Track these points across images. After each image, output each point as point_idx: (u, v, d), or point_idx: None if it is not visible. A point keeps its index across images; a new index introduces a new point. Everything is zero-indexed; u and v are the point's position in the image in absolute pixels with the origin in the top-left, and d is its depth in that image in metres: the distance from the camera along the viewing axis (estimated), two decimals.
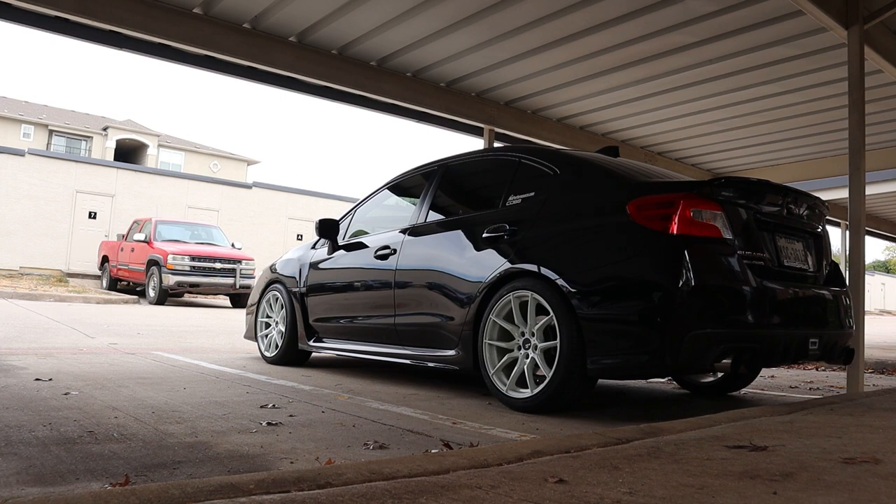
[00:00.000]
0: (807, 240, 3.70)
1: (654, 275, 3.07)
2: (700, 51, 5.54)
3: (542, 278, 3.37)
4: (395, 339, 4.29)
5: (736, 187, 3.30)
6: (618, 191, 3.35)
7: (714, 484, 1.60)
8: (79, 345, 5.91)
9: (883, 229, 14.43)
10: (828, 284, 3.75)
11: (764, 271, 3.23)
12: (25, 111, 38.36)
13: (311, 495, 1.41)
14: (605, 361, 3.12)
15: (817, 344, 3.40)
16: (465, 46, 5.67)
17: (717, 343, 3.00)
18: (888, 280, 48.71)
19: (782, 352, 3.28)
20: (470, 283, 3.75)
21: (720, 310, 3.05)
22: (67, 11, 4.64)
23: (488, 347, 3.60)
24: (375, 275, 4.50)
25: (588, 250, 3.31)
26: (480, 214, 3.94)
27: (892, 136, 7.65)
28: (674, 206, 3.09)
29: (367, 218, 4.99)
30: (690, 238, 3.05)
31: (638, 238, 3.14)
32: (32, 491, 1.87)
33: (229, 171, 38.84)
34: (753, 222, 3.30)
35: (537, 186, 3.70)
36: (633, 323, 3.05)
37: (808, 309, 3.47)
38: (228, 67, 5.73)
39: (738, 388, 4.50)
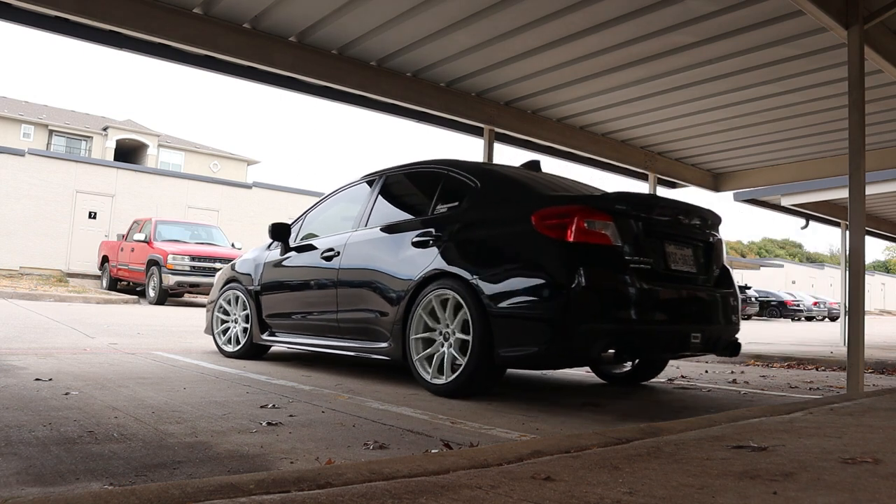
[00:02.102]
0: (697, 247, 4.12)
1: (551, 277, 3.49)
2: (700, 51, 5.54)
3: (461, 279, 3.79)
4: (337, 333, 4.68)
5: (626, 201, 3.77)
6: (525, 203, 3.79)
7: (714, 484, 1.60)
8: (79, 345, 5.91)
9: (883, 229, 14.43)
10: (716, 286, 4.19)
11: (649, 274, 3.67)
12: (25, 111, 38.36)
13: (311, 495, 1.41)
14: (510, 352, 3.58)
15: (699, 338, 3.84)
16: (465, 46, 5.67)
17: (602, 336, 3.44)
18: (888, 280, 48.72)
19: (664, 344, 3.78)
20: (401, 283, 4.16)
21: (606, 308, 3.48)
22: (67, 11, 4.64)
23: (414, 340, 4.03)
24: (321, 274, 4.88)
25: (498, 255, 3.77)
26: (412, 221, 4.37)
27: (892, 136, 7.64)
28: (570, 217, 3.53)
29: (316, 222, 5.38)
30: (583, 245, 3.50)
31: (539, 245, 3.57)
32: (32, 491, 1.87)
33: (229, 171, 38.84)
34: (642, 231, 3.74)
35: (460, 197, 4.17)
36: (533, 319, 3.50)
37: (692, 307, 3.93)
38: (228, 67, 5.73)
39: (648, 377, 4.98)
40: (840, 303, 15.83)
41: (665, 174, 9.06)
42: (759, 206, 12.43)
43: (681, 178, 9.34)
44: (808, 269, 44.39)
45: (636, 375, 4.91)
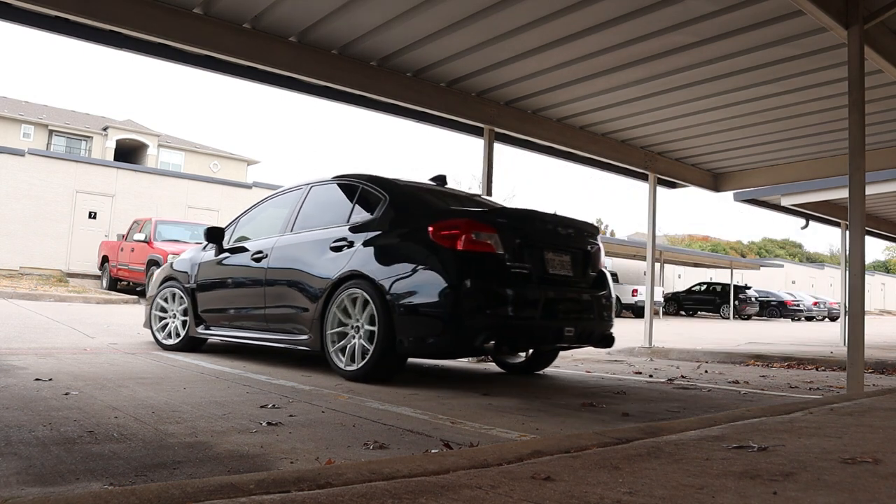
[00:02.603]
0: (575, 254, 4.72)
1: (443, 280, 4.05)
2: (700, 51, 5.54)
3: (369, 280, 4.33)
4: (265, 326, 5.16)
5: (509, 215, 4.42)
6: (424, 216, 4.36)
7: (714, 484, 1.60)
8: (79, 345, 5.90)
9: (883, 229, 14.43)
10: (592, 288, 4.82)
11: (528, 277, 4.29)
12: (25, 111, 38.35)
13: (311, 495, 1.41)
14: (409, 343, 4.15)
15: (573, 332, 4.49)
16: (465, 46, 5.67)
17: (483, 330, 4.03)
18: (888, 280, 48.71)
19: (539, 337, 4.47)
20: (320, 283, 4.68)
21: (487, 306, 4.06)
22: (67, 11, 4.64)
23: (331, 333, 4.55)
24: (251, 274, 5.36)
25: (401, 260, 4.29)
26: (330, 228, 4.88)
27: (892, 136, 7.64)
28: (459, 229, 4.11)
29: (248, 226, 5.87)
30: (470, 253, 4.08)
31: (434, 253, 4.13)
32: (32, 491, 1.87)
33: (229, 171, 38.83)
34: (523, 241, 4.33)
35: (373, 208, 4.72)
36: (428, 315, 4.08)
37: (566, 306, 4.56)
38: (228, 67, 5.73)
39: (541, 367, 5.56)
40: (840, 303, 15.82)
41: (665, 174, 9.06)
42: (759, 206, 12.43)
43: (681, 178, 9.34)
44: (808, 269, 44.37)
45: (531, 366, 5.49)
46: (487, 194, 6.96)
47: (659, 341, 9.74)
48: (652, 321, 9.07)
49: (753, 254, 55.39)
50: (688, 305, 30.06)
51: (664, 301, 27.15)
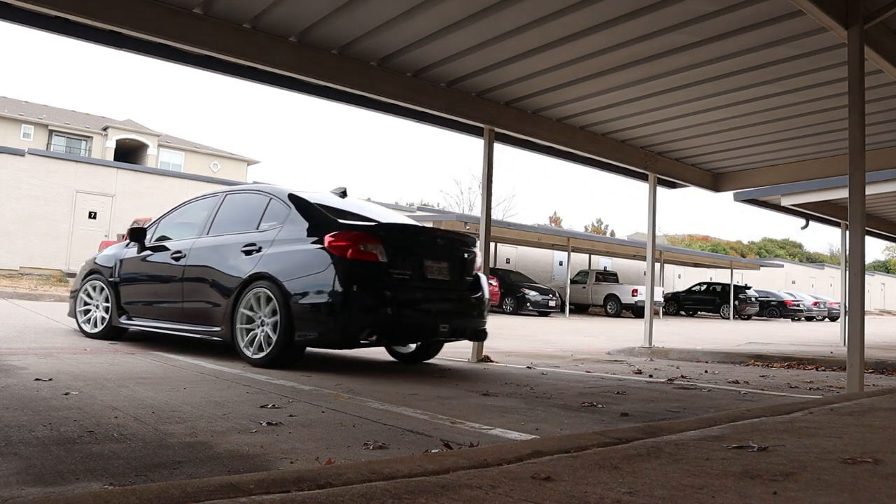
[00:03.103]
0: (452, 261, 5.40)
1: (334, 283, 4.72)
2: (700, 51, 5.53)
3: (274, 281, 4.96)
4: (182, 318, 5.70)
5: (393, 229, 5.15)
6: (321, 227, 4.99)
7: (714, 484, 1.60)
8: (79, 345, 5.91)
9: (883, 229, 14.42)
10: (468, 290, 5.53)
11: (407, 282, 5.00)
12: (25, 111, 38.34)
13: (311, 495, 1.41)
14: (304, 335, 4.82)
15: (448, 328, 5.22)
16: (465, 46, 5.67)
17: (366, 326, 4.73)
18: (888, 280, 48.67)
19: (415, 332, 5.19)
20: (232, 281, 5.28)
21: (370, 305, 4.77)
22: (67, 11, 4.63)
23: (240, 326, 5.16)
24: (171, 271, 5.88)
25: (300, 264, 4.93)
26: (242, 234, 5.49)
27: (892, 136, 7.64)
28: (350, 241, 4.79)
29: (168, 227, 6.40)
30: (358, 261, 4.77)
31: (328, 260, 4.79)
32: (32, 491, 1.87)
33: (229, 171, 38.81)
34: (405, 250, 5.06)
35: (279, 217, 5.33)
36: (321, 312, 4.77)
37: (441, 305, 5.26)
38: (228, 67, 5.73)
39: (429, 357, 6.15)
40: (840, 303, 15.82)
41: (665, 174, 9.05)
42: (759, 206, 12.42)
43: (681, 178, 9.33)
44: (808, 269, 44.34)
45: (419, 356, 6.08)
46: (487, 194, 6.96)
47: (659, 341, 9.74)
48: (652, 321, 9.07)
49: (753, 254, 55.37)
50: (688, 305, 30.05)
51: (664, 301, 27.14)
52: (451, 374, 5.34)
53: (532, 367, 6.23)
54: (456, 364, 6.18)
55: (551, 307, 21.37)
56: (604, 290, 24.95)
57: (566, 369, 6.24)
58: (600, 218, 63.96)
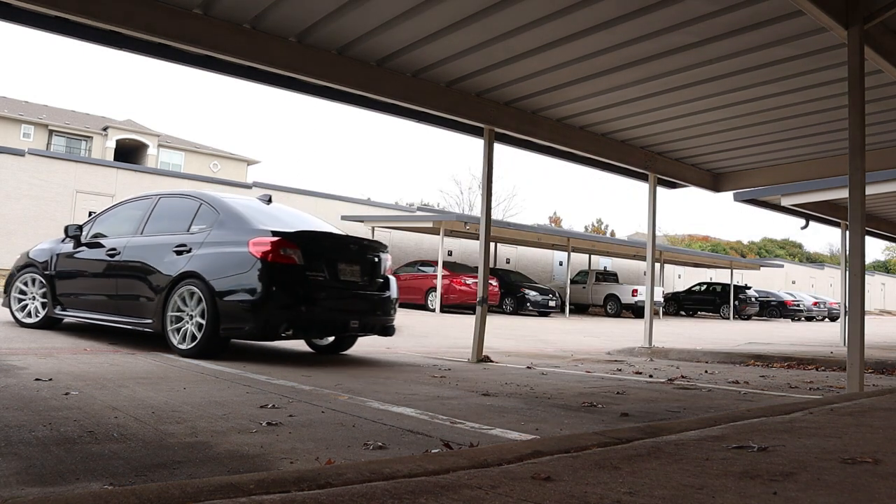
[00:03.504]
0: (364, 264, 6.00)
1: (257, 283, 5.27)
2: (700, 51, 5.53)
3: (202, 279, 5.45)
4: (115, 310, 6.17)
5: (310, 236, 5.72)
6: (246, 232, 5.53)
7: (714, 484, 1.60)
8: (79, 345, 5.91)
9: (883, 229, 14.42)
10: (377, 290, 6.09)
11: (321, 282, 5.57)
12: (25, 111, 38.34)
13: (311, 495, 1.41)
14: (229, 329, 5.34)
15: (358, 324, 5.80)
16: (465, 46, 5.67)
17: (284, 321, 5.29)
18: (888, 280, 48.65)
19: (328, 327, 5.78)
20: (164, 278, 5.74)
21: (287, 303, 5.35)
22: (67, 11, 4.63)
23: (170, 318, 5.61)
24: (105, 266, 6.34)
25: (227, 265, 5.44)
26: (174, 235, 5.98)
27: (892, 136, 7.64)
28: (271, 245, 5.32)
29: (104, 225, 6.84)
30: (278, 264, 5.32)
31: (251, 262, 5.32)
32: (32, 491, 1.87)
33: (229, 171, 38.81)
34: (321, 254, 5.64)
35: (209, 221, 5.85)
36: (244, 309, 5.27)
37: (352, 303, 5.82)
38: (228, 67, 5.73)
39: (344, 349, 6.64)
40: (840, 303, 15.82)
41: (665, 174, 9.05)
42: (759, 206, 12.42)
43: (681, 178, 9.33)
44: (808, 269, 44.33)
45: (335, 348, 6.58)
46: (487, 194, 6.96)
47: (659, 341, 9.74)
48: (652, 321, 9.07)
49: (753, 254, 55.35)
50: (688, 305, 30.04)
51: (664, 301, 27.13)
52: (451, 374, 5.34)
53: (532, 367, 6.23)
54: (456, 364, 6.18)
55: (551, 307, 21.37)
56: (604, 290, 24.94)
57: (566, 369, 6.24)
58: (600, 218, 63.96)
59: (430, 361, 6.34)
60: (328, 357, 6.20)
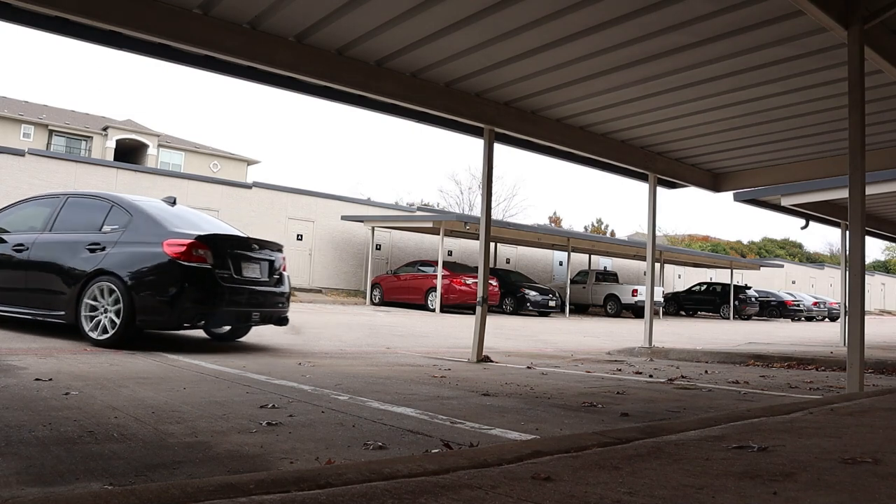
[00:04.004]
0: (263, 262, 6.69)
1: (173, 280, 5.88)
2: (700, 51, 5.53)
3: (118, 276, 5.95)
4: (25, 303, 6.55)
5: (219, 238, 6.33)
6: (160, 234, 6.10)
7: (714, 484, 1.60)
8: (79, 345, 5.91)
9: (883, 229, 14.41)
10: (275, 286, 6.81)
11: (228, 279, 6.20)
12: (25, 111, 38.34)
13: (311, 495, 1.41)
14: (145, 321, 5.90)
15: (259, 316, 6.59)
16: (464, 46, 5.67)
17: (196, 314, 5.95)
18: (888, 280, 48.64)
19: (235, 319, 6.59)
20: (77, 273, 6.19)
21: (198, 298, 5.96)
22: (67, 11, 4.63)
23: (85, 311, 6.03)
24: (13, 261, 6.68)
25: (143, 263, 6.00)
26: (86, 233, 6.40)
27: (892, 136, 7.63)
28: (184, 246, 5.94)
29: (7, 221, 7.08)
30: (190, 264, 5.92)
31: (166, 261, 5.90)
32: (32, 491, 1.87)
33: (229, 171, 38.81)
34: (227, 254, 6.27)
35: (121, 222, 6.35)
36: (160, 303, 5.87)
37: (253, 298, 6.48)
38: (228, 67, 5.73)
39: (239, 337, 7.33)
40: (840, 303, 15.82)
41: (665, 174, 9.05)
42: (759, 206, 12.42)
43: (681, 179, 9.33)
44: (808, 269, 44.32)
45: (231, 336, 7.26)
46: (487, 194, 6.96)
47: (659, 341, 9.74)
48: (652, 321, 9.07)
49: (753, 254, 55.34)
50: (688, 305, 30.04)
51: (664, 301, 27.13)
52: (451, 374, 5.34)
53: (532, 367, 6.23)
54: (456, 364, 6.19)
55: (551, 307, 21.38)
56: (604, 290, 24.95)
57: (566, 369, 6.24)
58: (600, 218, 63.93)
59: (430, 361, 6.34)
60: (329, 357, 6.20)
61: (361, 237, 24.38)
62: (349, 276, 24.57)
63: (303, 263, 23.55)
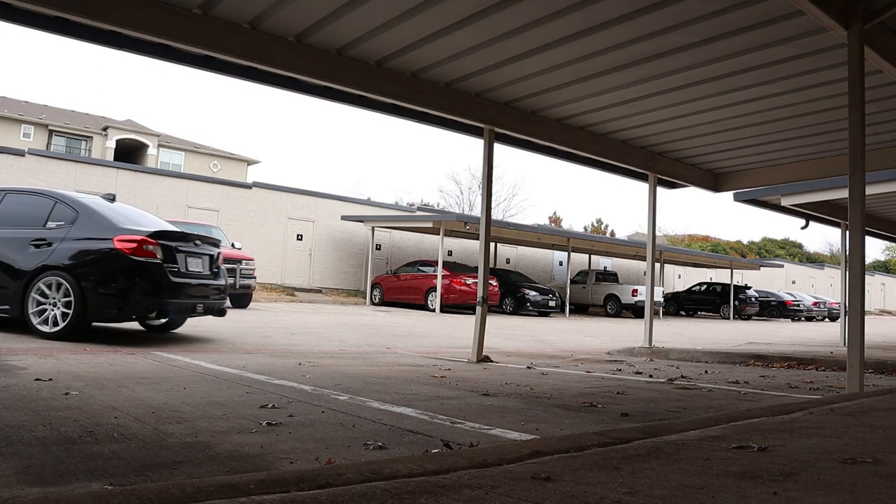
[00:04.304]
0: (205, 257, 7.10)
1: (124, 274, 6.16)
2: (700, 51, 5.53)
3: (67, 271, 6.15)
4: None
5: (167, 234, 6.62)
6: (109, 230, 6.33)
7: (714, 484, 1.60)
8: (79, 345, 5.90)
9: (883, 229, 14.41)
10: (215, 280, 7.20)
11: (176, 273, 6.53)
12: (25, 111, 38.34)
13: (311, 495, 1.41)
14: (97, 314, 6.17)
15: (203, 307, 6.96)
16: (464, 47, 5.66)
17: (147, 306, 6.28)
18: (888, 280, 48.64)
19: (182, 311, 6.87)
20: (21, 270, 6.34)
21: (149, 291, 6.25)
22: (67, 11, 4.63)
23: (32, 305, 6.21)
24: None
25: (94, 259, 6.25)
26: (30, 230, 6.54)
27: (892, 136, 7.63)
28: (136, 242, 6.22)
29: None
30: (141, 259, 6.20)
31: (118, 256, 6.16)
32: (32, 491, 1.87)
33: (229, 171, 38.81)
34: (175, 250, 6.61)
35: (66, 218, 6.50)
36: (112, 296, 6.18)
37: (199, 291, 6.86)
38: (228, 67, 5.73)
39: (174, 328, 7.71)
40: (840, 303, 15.82)
41: (665, 174, 9.05)
42: (759, 206, 12.42)
43: (681, 178, 9.32)
44: (808, 269, 44.31)
45: (165, 327, 7.61)
46: (487, 194, 6.96)
47: (659, 341, 9.74)
48: (652, 321, 9.07)
49: (753, 254, 55.32)
50: (688, 305, 30.03)
51: (664, 301, 27.12)
52: (451, 374, 5.34)
53: (532, 367, 6.23)
54: (456, 364, 6.19)
55: (551, 307, 21.37)
56: (604, 290, 24.94)
57: (566, 369, 6.24)
58: (600, 218, 63.89)
59: (430, 361, 6.34)
60: (329, 357, 6.20)
61: (361, 237, 24.39)
62: (349, 276, 24.57)
63: (303, 263, 23.56)
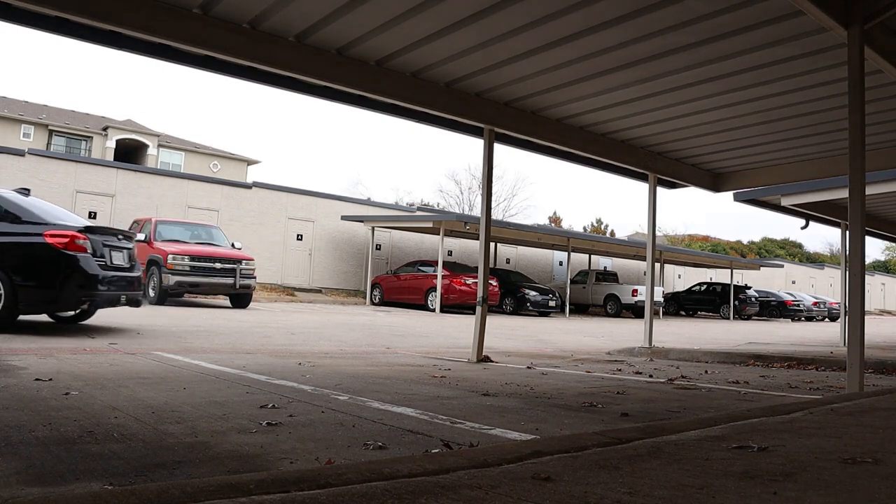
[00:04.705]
0: (124, 251, 7.61)
1: (56, 268, 6.50)
2: (700, 51, 5.53)
3: None
4: None
5: (95, 229, 7.14)
6: (40, 225, 6.70)
7: (714, 484, 1.60)
8: (79, 345, 5.91)
9: (883, 229, 14.41)
10: (132, 272, 7.66)
11: (104, 266, 6.98)
12: (25, 111, 38.34)
13: (311, 495, 1.41)
14: (29, 307, 6.55)
15: (125, 299, 7.39)
16: (464, 47, 5.67)
17: (80, 298, 6.75)
18: (888, 280, 48.64)
19: (109, 302, 7.19)
20: None
21: (81, 284, 6.63)
22: (67, 11, 4.63)
23: None
24: None
25: (23, 254, 6.58)
26: None
27: (892, 136, 7.63)
28: (67, 237, 6.59)
29: None
30: (72, 252, 6.57)
31: (49, 250, 6.51)
32: (32, 491, 1.87)
33: (229, 171, 38.81)
34: (101, 244, 7.09)
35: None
36: (45, 289, 6.52)
37: (121, 283, 7.29)
38: (228, 67, 5.72)
39: (83, 320, 8.07)
40: (840, 303, 15.82)
41: (665, 174, 9.05)
42: (759, 206, 12.42)
43: (681, 179, 9.32)
44: (808, 269, 44.31)
45: (77, 318, 7.98)
46: (487, 194, 6.96)
47: (659, 341, 9.74)
48: (652, 321, 9.07)
49: (753, 254, 55.33)
50: (688, 305, 30.04)
51: (664, 301, 27.13)
52: (451, 374, 5.35)
53: (532, 366, 6.23)
54: (456, 364, 6.19)
55: (551, 307, 21.37)
56: (604, 290, 24.95)
57: (566, 369, 6.24)
58: (600, 218, 63.92)
59: (430, 361, 6.34)
60: (329, 357, 6.21)
61: (361, 237, 24.39)
62: (349, 276, 24.58)
63: (303, 263, 23.57)
